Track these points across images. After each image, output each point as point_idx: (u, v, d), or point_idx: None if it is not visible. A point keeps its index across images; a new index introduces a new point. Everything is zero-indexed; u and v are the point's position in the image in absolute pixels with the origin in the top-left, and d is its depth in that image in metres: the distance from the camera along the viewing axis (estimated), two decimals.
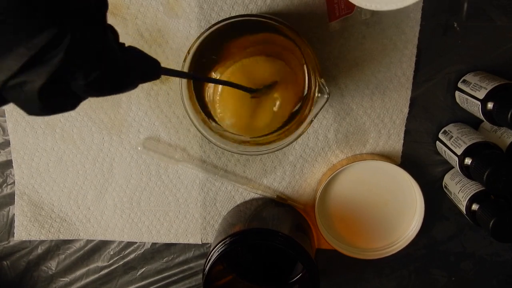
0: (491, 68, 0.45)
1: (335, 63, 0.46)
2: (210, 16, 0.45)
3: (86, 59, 0.20)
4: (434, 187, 0.50)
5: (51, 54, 0.18)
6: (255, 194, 0.50)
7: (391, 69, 0.46)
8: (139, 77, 0.24)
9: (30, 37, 0.17)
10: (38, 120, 0.48)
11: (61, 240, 0.52)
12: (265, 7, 0.44)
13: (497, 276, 0.53)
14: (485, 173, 0.38)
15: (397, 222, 0.50)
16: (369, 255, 0.50)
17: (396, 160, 0.49)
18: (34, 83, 0.18)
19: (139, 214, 0.51)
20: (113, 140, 0.49)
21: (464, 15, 0.44)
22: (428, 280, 0.53)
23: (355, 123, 0.48)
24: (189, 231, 0.52)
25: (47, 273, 0.53)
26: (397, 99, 0.47)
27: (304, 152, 0.49)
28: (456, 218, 0.51)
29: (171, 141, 0.49)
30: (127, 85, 0.23)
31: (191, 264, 0.53)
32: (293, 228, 0.46)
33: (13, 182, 0.51)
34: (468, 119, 0.47)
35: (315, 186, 0.50)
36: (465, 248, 0.52)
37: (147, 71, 0.25)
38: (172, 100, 0.47)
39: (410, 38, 0.45)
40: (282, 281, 0.49)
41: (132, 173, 0.50)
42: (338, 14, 0.43)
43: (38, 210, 0.51)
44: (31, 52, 0.17)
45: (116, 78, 0.22)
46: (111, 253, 0.53)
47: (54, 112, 0.20)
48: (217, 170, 0.49)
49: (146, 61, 0.25)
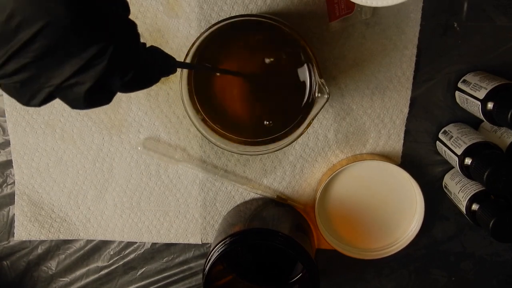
0: (491, 68, 0.45)
1: (335, 63, 0.46)
2: (210, 16, 0.45)
3: (123, 64, 0.25)
4: (434, 187, 0.50)
5: (97, 61, 0.23)
6: (255, 194, 0.50)
7: (391, 69, 0.46)
8: (160, 72, 0.29)
9: (81, 50, 0.22)
10: (38, 120, 0.48)
11: (61, 240, 0.52)
12: (265, 7, 0.44)
13: (497, 276, 0.53)
14: (485, 173, 0.38)
15: (397, 222, 0.50)
16: (369, 255, 0.50)
17: (396, 160, 0.49)
18: (83, 86, 0.23)
19: (139, 214, 0.51)
20: (113, 140, 0.49)
21: (464, 15, 0.45)
22: (428, 280, 0.53)
23: (355, 123, 0.48)
24: (189, 231, 0.52)
25: (47, 273, 0.53)
26: (397, 99, 0.47)
27: (304, 152, 0.49)
28: (456, 218, 0.51)
29: (171, 141, 0.49)
30: (152, 81, 0.29)
31: (191, 264, 0.53)
32: (293, 228, 0.46)
33: (13, 182, 0.51)
34: (468, 119, 0.47)
35: (315, 186, 0.50)
36: (465, 248, 0.52)
37: (166, 67, 0.30)
38: (172, 100, 0.47)
39: (410, 38, 0.45)
40: (282, 281, 0.49)
41: (132, 173, 0.50)
42: (338, 14, 0.43)
43: (38, 210, 0.51)
44: (82, 62, 0.22)
45: (145, 76, 0.28)
46: (111, 253, 0.53)
47: (94, 106, 0.25)
48: (217, 170, 0.49)
49: (165, 58, 0.30)
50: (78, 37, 0.22)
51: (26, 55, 0.21)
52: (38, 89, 0.23)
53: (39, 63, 0.22)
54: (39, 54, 0.21)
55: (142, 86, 0.28)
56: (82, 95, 0.23)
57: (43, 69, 0.22)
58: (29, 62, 0.22)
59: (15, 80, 0.22)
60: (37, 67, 0.22)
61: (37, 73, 0.22)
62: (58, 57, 0.22)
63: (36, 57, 0.21)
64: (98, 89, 0.24)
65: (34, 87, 0.23)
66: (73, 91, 0.23)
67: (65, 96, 0.24)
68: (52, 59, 0.22)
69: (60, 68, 0.22)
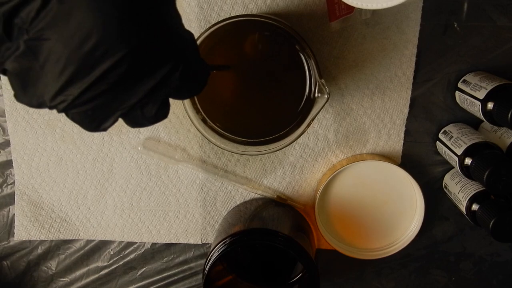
0: (491, 68, 0.45)
1: (335, 63, 0.46)
2: (210, 16, 0.45)
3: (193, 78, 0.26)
4: (434, 187, 0.50)
5: (170, 80, 0.23)
6: (255, 194, 0.50)
7: (391, 69, 0.46)
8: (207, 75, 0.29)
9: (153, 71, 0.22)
10: (38, 120, 0.48)
11: (61, 240, 0.52)
12: (265, 7, 0.44)
13: (497, 276, 0.53)
14: (485, 173, 0.38)
15: (397, 222, 0.50)
16: (369, 255, 0.50)
17: (396, 160, 0.49)
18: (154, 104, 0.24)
19: (139, 214, 0.51)
20: (113, 140, 0.49)
21: (464, 15, 0.45)
22: (428, 280, 0.53)
23: (355, 123, 0.48)
24: (189, 231, 0.52)
25: (47, 273, 0.53)
26: (397, 99, 0.47)
27: (304, 152, 0.49)
28: (456, 218, 0.51)
29: (171, 141, 0.49)
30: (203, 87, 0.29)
31: (191, 264, 0.53)
32: (293, 228, 0.46)
33: (13, 182, 0.51)
34: (468, 119, 0.47)
35: (315, 186, 0.50)
36: (465, 248, 0.52)
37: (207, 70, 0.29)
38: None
39: (410, 38, 0.45)
40: (282, 281, 0.49)
41: (132, 173, 0.50)
42: (338, 14, 0.43)
43: (38, 210, 0.51)
44: (155, 82, 0.23)
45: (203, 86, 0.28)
46: (111, 253, 0.53)
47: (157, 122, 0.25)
48: (217, 170, 0.49)
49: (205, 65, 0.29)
50: (150, 60, 0.22)
51: (103, 83, 0.21)
52: (109, 113, 0.23)
53: (114, 89, 0.21)
54: (115, 81, 0.21)
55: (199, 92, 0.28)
56: (153, 113, 0.24)
57: (116, 93, 0.22)
58: (104, 90, 0.21)
59: (88, 108, 0.22)
60: (112, 92, 0.22)
61: (111, 98, 0.22)
62: (131, 81, 0.22)
63: (112, 83, 0.21)
64: (166, 105, 0.25)
65: (106, 112, 0.23)
66: (144, 111, 0.24)
67: (133, 116, 0.24)
68: (125, 83, 0.22)
69: (134, 90, 0.22)
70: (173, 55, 0.23)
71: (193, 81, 0.26)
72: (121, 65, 0.21)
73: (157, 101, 0.24)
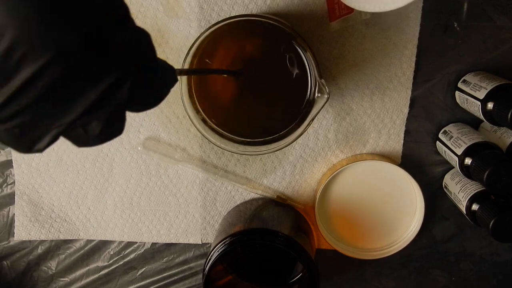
0: (491, 68, 0.45)
1: (335, 63, 0.46)
2: (210, 16, 0.45)
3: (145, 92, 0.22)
4: (434, 187, 0.50)
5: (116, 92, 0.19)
6: (255, 194, 0.50)
7: (391, 69, 0.46)
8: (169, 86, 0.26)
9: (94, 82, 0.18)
10: None
11: (61, 240, 0.52)
12: (265, 7, 0.44)
13: (497, 276, 0.53)
14: (485, 173, 0.38)
15: (397, 222, 0.50)
16: (369, 255, 0.50)
17: (396, 160, 0.49)
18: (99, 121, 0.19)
19: (139, 214, 0.51)
20: (113, 140, 0.49)
21: (464, 15, 0.44)
22: (428, 280, 0.53)
23: (355, 123, 0.48)
24: (189, 231, 0.52)
25: (47, 273, 0.53)
26: (397, 99, 0.47)
27: (304, 152, 0.49)
28: (456, 218, 0.51)
29: (171, 141, 0.49)
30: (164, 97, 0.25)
31: (191, 264, 0.53)
32: (293, 228, 0.46)
33: (13, 182, 0.51)
34: (468, 119, 0.47)
35: (315, 186, 0.50)
36: (465, 248, 0.52)
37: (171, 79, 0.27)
38: (172, 100, 0.47)
39: (410, 38, 0.45)
40: (282, 281, 0.49)
41: (132, 173, 0.50)
42: (339, 14, 0.43)
43: (38, 210, 0.51)
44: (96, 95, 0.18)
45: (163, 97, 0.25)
46: (111, 253, 0.53)
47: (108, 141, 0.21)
48: (217, 170, 0.49)
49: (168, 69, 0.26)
50: (89, 66, 0.18)
51: (27, 95, 0.17)
52: (42, 132, 0.18)
53: (43, 102, 0.17)
54: (43, 93, 0.17)
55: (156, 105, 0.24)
56: (98, 132, 0.19)
57: (48, 108, 0.18)
58: (30, 103, 0.17)
59: (13, 125, 0.17)
60: (41, 107, 0.17)
61: (41, 114, 0.18)
62: (66, 93, 0.18)
63: (39, 96, 0.17)
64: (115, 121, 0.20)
65: (38, 130, 0.18)
66: (87, 129, 0.19)
67: (76, 136, 0.20)
68: (59, 96, 0.18)
69: (70, 104, 0.18)
70: (121, 60, 0.19)
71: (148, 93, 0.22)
72: (48, 73, 0.16)
73: (103, 116, 0.19)
